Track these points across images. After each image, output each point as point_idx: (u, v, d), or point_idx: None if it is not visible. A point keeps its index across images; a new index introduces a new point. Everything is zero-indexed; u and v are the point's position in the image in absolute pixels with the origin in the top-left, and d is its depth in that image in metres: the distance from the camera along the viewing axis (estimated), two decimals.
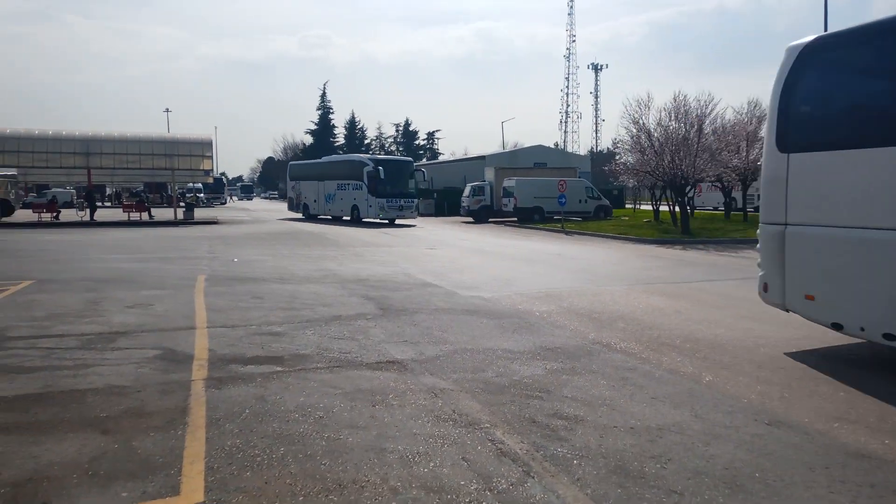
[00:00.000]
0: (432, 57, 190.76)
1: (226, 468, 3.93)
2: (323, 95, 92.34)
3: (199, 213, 38.22)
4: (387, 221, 31.76)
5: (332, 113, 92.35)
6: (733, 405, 5.20)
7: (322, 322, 8.09)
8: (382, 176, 30.22)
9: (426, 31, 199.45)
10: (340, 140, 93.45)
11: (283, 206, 51.79)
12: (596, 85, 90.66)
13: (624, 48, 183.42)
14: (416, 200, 32.07)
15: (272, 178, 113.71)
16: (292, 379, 5.72)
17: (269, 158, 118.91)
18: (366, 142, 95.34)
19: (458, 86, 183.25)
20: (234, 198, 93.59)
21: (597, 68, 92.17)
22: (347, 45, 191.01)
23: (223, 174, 72.40)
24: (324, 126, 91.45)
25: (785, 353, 6.84)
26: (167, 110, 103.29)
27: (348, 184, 33.02)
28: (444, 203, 42.00)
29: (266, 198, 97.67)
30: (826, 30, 28.92)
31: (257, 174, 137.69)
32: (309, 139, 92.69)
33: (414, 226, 30.49)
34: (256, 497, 3.58)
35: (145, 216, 33.06)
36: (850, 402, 5.30)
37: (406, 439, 4.40)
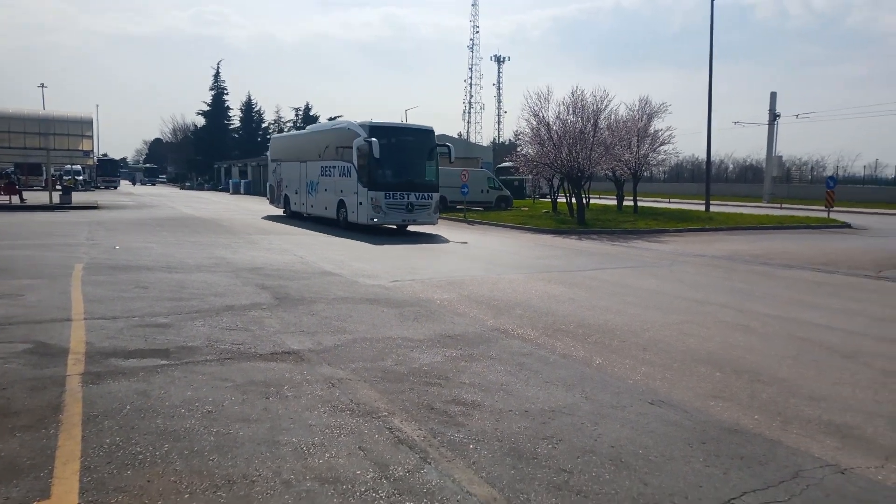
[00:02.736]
0: (337, 41, 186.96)
1: (104, 467, 3.66)
2: (217, 75, 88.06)
3: (78, 197, 35.45)
4: (392, 227, 20.35)
5: (227, 94, 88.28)
6: (620, 386, 5.46)
7: (213, 312, 7.74)
8: (377, 154, 18.45)
9: (331, 15, 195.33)
10: (235, 123, 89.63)
11: (191, 196, 49.19)
12: (499, 76, 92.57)
13: (527, 41, 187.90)
14: (435, 195, 20.06)
15: (161, 160, 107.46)
16: (179, 372, 5.42)
17: (157, 140, 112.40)
18: (263, 125, 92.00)
19: (362, 71, 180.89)
20: (137, 183, 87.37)
21: (500, 60, 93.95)
22: (246, 24, 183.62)
23: (105, 155, 67.39)
24: (217, 107, 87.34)
25: (666, 337, 7.25)
26: (42, 85, 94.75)
27: (333, 166, 21.53)
28: None
29: (149, 182, 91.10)
30: (712, 34, 30.82)
31: (143, 156, 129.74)
32: (201, 120, 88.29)
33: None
34: (138, 496, 3.36)
35: (16, 199, 30.30)
36: (724, 381, 5.70)
37: (301, 431, 4.28)
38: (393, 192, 19.13)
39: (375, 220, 19.12)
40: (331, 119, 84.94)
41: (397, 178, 19.37)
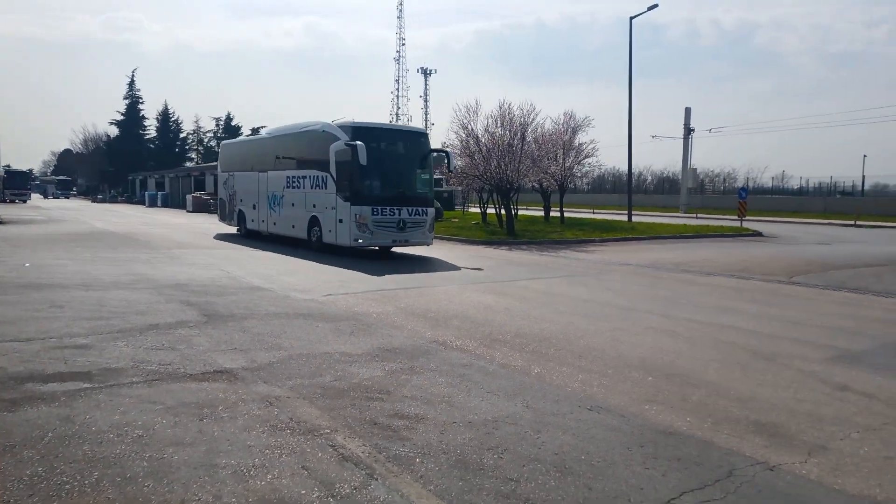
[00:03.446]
0: (258, 49, 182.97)
1: (26, 500, 3.40)
2: (132, 83, 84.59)
3: None
4: (374, 248, 17.13)
5: (143, 103, 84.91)
6: (559, 394, 5.55)
7: (136, 332, 7.37)
8: (363, 161, 15.00)
9: (250, 22, 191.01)
10: (152, 133, 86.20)
11: (105, 209, 46.69)
12: (426, 89, 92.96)
13: (452, 54, 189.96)
14: (430, 211, 16.87)
15: (70, 171, 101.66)
16: (104, 396, 5.12)
17: (67, 151, 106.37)
18: (181, 135, 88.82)
19: (285, 81, 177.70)
20: (49, 196, 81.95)
21: (426, 72, 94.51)
22: (161, 31, 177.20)
23: (7, 167, 62.94)
24: (132, 117, 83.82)
25: (600, 344, 7.44)
26: None
27: (303, 177, 18.05)
28: None
29: (62, 196, 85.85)
30: (631, 50, 32.15)
31: (51, 168, 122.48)
32: (114, 130, 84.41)
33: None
34: None
35: None
36: (656, 385, 5.90)
37: (240, 452, 4.12)
38: (381, 207, 15.66)
39: (360, 240, 15.67)
40: (254, 130, 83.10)
41: (386, 189, 16.17)
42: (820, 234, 29.20)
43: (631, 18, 32.18)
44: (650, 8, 31.69)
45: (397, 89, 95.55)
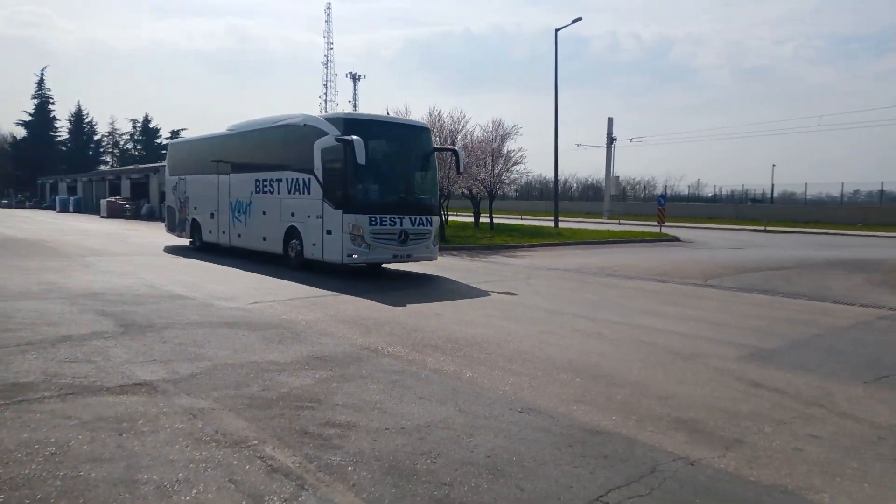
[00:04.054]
0: (178, 50, 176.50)
1: None
2: (41, 82, 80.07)
3: None
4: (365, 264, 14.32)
5: (53, 103, 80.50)
6: (491, 397, 5.61)
7: (47, 344, 6.94)
8: (361, 159, 12.47)
9: (169, 22, 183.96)
10: (63, 134, 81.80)
11: (10, 214, 43.81)
12: (354, 94, 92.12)
13: (382, 60, 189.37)
14: (434, 220, 14.29)
15: None
16: (11, 412, 4.79)
17: None
18: (95, 137, 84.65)
19: (207, 83, 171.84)
20: None
21: (355, 77, 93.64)
22: (73, 29, 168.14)
23: None
24: (41, 117, 79.26)
25: (529, 347, 7.58)
26: None
27: (278, 180, 15.39)
28: None
29: None
30: (557, 61, 32.97)
31: None
32: (21, 132, 79.58)
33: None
34: None
35: None
36: (584, 386, 6.06)
37: (162, 467, 3.95)
38: (381, 216, 13.10)
39: (355, 256, 12.95)
40: (174, 133, 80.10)
41: (387, 194, 13.72)
42: (733, 240, 30.81)
43: (556, 30, 33.08)
44: (574, 21, 32.70)
45: (325, 94, 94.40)
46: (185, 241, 20.77)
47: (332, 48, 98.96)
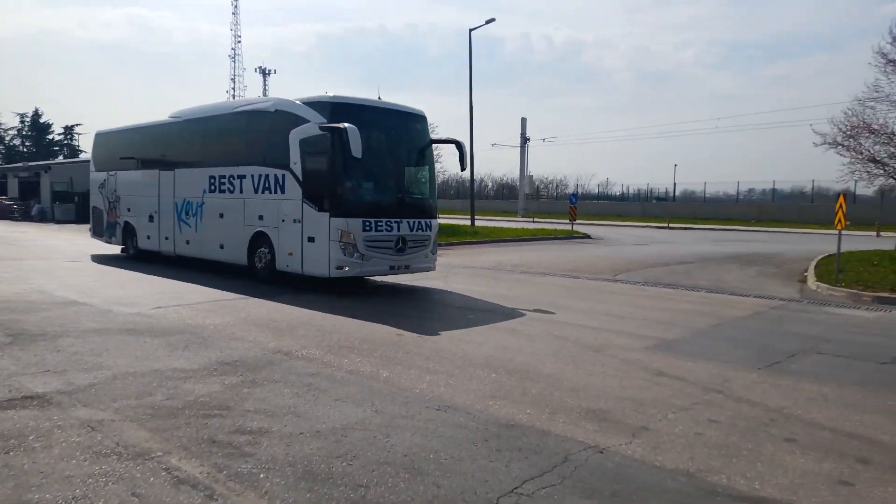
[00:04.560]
0: (71, 40, 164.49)
1: None
2: None
3: None
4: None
5: None
6: (408, 396, 5.60)
7: None
8: (357, 152, 10.48)
9: (60, 10, 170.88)
10: None
11: None
12: (265, 89, 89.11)
13: (293, 55, 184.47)
14: (434, 224, 12.52)
15: None
16: None
17: None
18: None
19: (105, 76, 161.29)
20: None
21: (265, 72, 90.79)
22: None
23: None
24: None
25: (446, 345, 7.61)
26: None
27: (241, 176, 13.17)
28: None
29: None
30: (471, 60, 33.34)
31: None
32: None
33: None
34: None
35: None
36: (499, 381, 6.15)
37: (57, 485, 3.68)
38: (376, 221, 11.24)
39: (346, 268, 10.98)
40: (67, 128, 74.59)
41: (381, 194, 11.82)
42: (639, 236, 32.25)
43: (470, 30, 33.45)
44: (488, 21, 33.14)
45: (233, 89, 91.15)
46: (116, 249, 18.02)
47: (239, 41, 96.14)
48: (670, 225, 41.96)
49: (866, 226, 34.68)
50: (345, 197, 11.09)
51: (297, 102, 11.92)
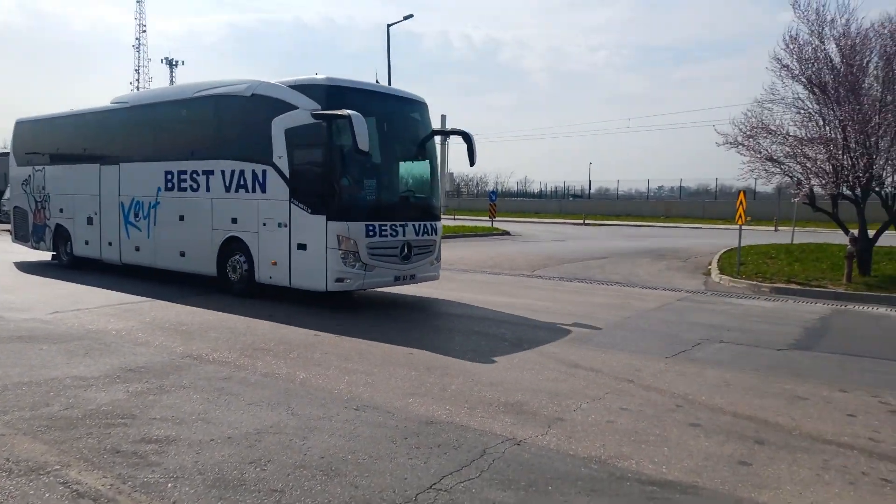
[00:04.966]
0: None
1: None
2: None
3: None
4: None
5: None
6: (326, 397, 5.49)
7: None
8: (363, 144, 8.77)
9: None
10: None
11: None
12: (171, 81, 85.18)
13: (203, 47, 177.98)
14: (438, 227, 10.86)
15: None
16: None
17: None
18: None
19: None
20: None
21: (172, 63, 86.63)
22: None
23: None
24: None
25: (364, 344, 7.54)
26: None
27: (209, 171, 11.31)
28: None
29: None
30: (389, 56, 33.18)
31: None
32: None
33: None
34: None
35: None
36: (419, 379, 6.14)
37: None
38: (380, 225, 9.75)
39: (348, 280, 9.50)
40: None
41: (384, 194, 10.39)
42: (556, 232, 33.11)
43: (388, 26, 33.26)
44: (406, 17, 33.02)
45: (137, 80, 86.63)
46: (46, 255, 15.73)
47: (144, 30, 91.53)
48: (586, 221, 43.34)
49: (766, 221, 37.06)
50: (345, 197, 9.58)
51: (281, 85, 10.14)
